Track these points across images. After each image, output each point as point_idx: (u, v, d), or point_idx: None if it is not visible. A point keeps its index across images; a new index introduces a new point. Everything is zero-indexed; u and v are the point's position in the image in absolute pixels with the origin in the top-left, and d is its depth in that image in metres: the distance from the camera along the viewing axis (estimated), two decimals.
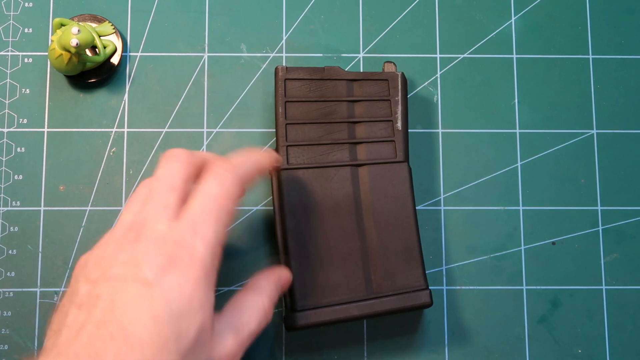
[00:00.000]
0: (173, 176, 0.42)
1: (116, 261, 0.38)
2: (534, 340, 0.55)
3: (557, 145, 0.57)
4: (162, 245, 0.39)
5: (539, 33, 0.59)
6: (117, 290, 0.37)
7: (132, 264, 0.38)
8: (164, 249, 0.39)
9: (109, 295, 0.37)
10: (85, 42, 0.52)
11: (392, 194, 0.52)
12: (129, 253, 0.39)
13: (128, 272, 0.38)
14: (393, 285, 0.51)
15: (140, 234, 0.39)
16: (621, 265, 0.56)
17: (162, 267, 0.38)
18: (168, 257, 0.38)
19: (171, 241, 0.39)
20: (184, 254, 0.39)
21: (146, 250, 0.39)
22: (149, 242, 0.39)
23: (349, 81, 0.53)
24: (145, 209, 0.41)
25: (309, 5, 0.59)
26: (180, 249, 0.39)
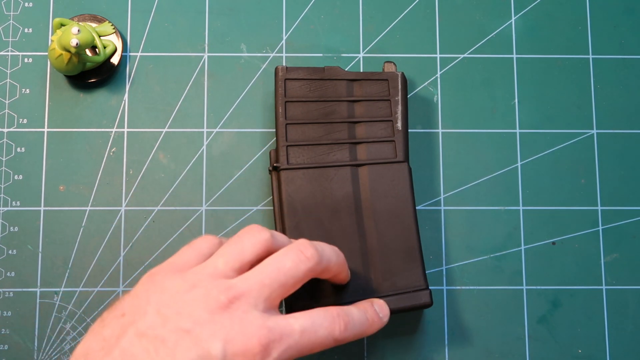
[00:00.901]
0: (292, 269, 0.42)
1: (195, 317, 0.39)
2: (534, 340, 0.55)
3: (557, 145, 0.57)
4: (244, 333, 0.39)
5: (539, 33, 0.59)
6: (181, 348, 0.38)
7: (209, 333, 0.39)
8: (242, 338, 0.39)
9: (172, 345, 0.38)
10: (85, 42, 0.52)
11: (392, 194, 0.52)
12: (211, 319, 0.39)
13: (201, 340, 0.39)
14: (393, 285, 0.51)
15: (232, 309, 0.40)
16: (621, 265, 0.56)
17: (231, 353, 0.39)
18: (241, 349, 0.39)
19: (256, 339, 0.40)
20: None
21: (228, 330, 0.39)
22: (234, 323, 0.40)
23: (349, 81, 0.53)
24: (250, 281, 0.41)
25: (309, 5, 0.59)
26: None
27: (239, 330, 0.39)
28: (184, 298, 0.40)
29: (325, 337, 0.42)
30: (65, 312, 0.54)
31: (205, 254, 0.44)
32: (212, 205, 0.56)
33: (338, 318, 0.43)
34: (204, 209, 0.56)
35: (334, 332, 0.42)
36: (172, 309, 0.40)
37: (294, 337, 0.40)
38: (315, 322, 0.42)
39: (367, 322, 0.45)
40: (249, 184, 0.56)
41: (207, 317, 0.39)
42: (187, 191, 0.56)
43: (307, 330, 0.41)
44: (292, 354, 0.40)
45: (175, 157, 0.56)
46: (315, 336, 0.41)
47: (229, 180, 0.56)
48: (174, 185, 0.56)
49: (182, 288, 0.41)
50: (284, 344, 0.40)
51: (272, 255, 0.43)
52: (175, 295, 0.41)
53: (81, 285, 0.55)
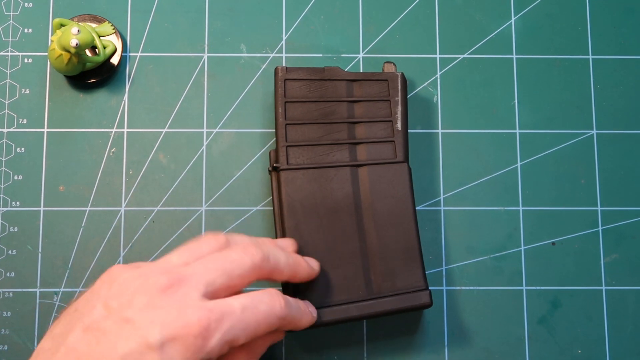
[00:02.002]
0: (237, 260, 0.43)
1: (135, 304, 0.40)
2: (533, 341, 0.55)
3: (557, 145, 0.57)
4: (182, 316, 0.39)
5: (539, 33, 0.59)
6: (121, 338, 0.38)
7: (147, 319, 0.39)
8: (181, 322, 0.39)
9: (114, 336, 0.38)
10: (85, 42, 0.52)
11: (392, 195, 0.52)
12: (150, 303, 0.40)
13: (139, 327, 0.39)
14: (393, 285, 0.51)
15: (171, 291, 0.40)
16: (621, 266, 0.56)
17: (170, 338, 0.38)
18: (180, 332, 0.39)
19: (195, 319, 0.39)
20: (198, 339, 0.39)
21: (166, 314, 0.39)
22: (172, 306, 0.40)
23: (348, 81, 0.53)
24: (194, 266, 0.42)
25: (309, 5, 0.59)
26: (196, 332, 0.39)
27: (177, 313, 0.39)
28: (129, 288, 0.41)
29: (267, 313, 0.42)
30: None
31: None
32: (212, 205, 0.56)
33: (277, 295, 0.43)
34: (203, 209, 0.56)
35: (274, 308, 0.42)
36: (117, 301, 0.40)
37: (236, 315, 0.40)
38: (254, 298, 0.42)
39: (300, 310, 0.46)
40: (249, 184, 0.56)
41: (146, 302, 0.40)
42: (187, 191, 0.56)
43: (248, 306, 0.41)
44: (236, 333, 0.40)
45: (175, 157, 0.56)
46: (257, 311, 0.41)
47: (228, 181, 0.56)
48: (173, 185, 0.56)
49: (130, 278, 0.41)
50: (227, 323, 0.40)
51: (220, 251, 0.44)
52: (122, 286, 0.41)
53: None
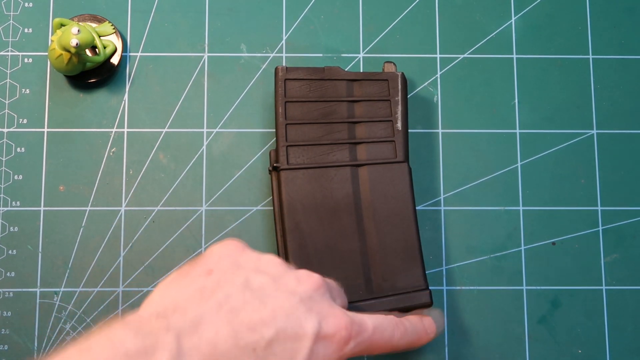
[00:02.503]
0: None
1: (286, 286, 0.41)
2: (534, 341, 0.55)
3: (557, 145, 0.57)
4: (335, 316, 0.41)
5: (539, 33, 0.59)
6: (284, 310, 0.39)
7: (306, 307, 0.40)
8: (334, 321, 0.41)
9: (274, 302, 0.40)
10: (85, 42, 0.52)
11: (392, 194, 0.52)
12: (307, 292, 0.41)
13: (295, 311, 0.40)
14: (393, 285, 0.51)
15: (321, 292, 0.42)
16: (621, 266, 0.56)
17: (323, 333, 0.40)
18: (332, 331, 0.40)
19: (344, 324, 0.41)
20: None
21: (320, 308, 0.41)
22: (325, 304, 0.42)
23: (349, 81, 0.53)
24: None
25: (309, 5, 0.59)
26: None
27: (330, 311, 0.41)
28: (278, 269, 0.42)
29: (388, 339, 0.44)
30: (65, 312, 0.54)
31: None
32: (212, 205, 0.56)
33: (398, 324, 0.45)
34: (203, 209, 0.56)
35: (394, 336, 0.44)
36: (266, 276, 0.41)
37: (369, 333, 0.42)
38: (382, 323, 0.44)
39: (416, 334, 0.47)
40: (249, 184, 0.56)
41: (305, 292, 0.41)
42: (187, 191, 0.56)
43: (378, 328, 0.43)
44: (362, 349, 0.42)
45: (175, 157, 0.56)
46: (382, 336, 0.43)
47: (229, 180, 0.56)
48: (174, 185, 0.56)
49: (275, 261, 0.43)
50: (361, 337, 0.42)
51: None
52: (269, 264, 0.42)
53: (81, 286, 0.55)
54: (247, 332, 0.38)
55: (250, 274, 0.41)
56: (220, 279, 0.40)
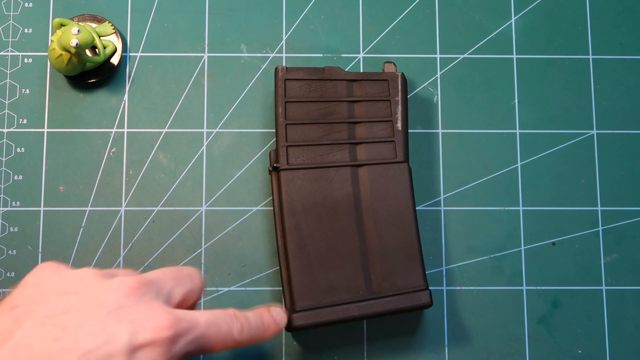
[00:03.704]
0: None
1: (104, 303, 0.39)
2: (533, 341, 0.55)
3: (557, 145, 0.57)
4: (153, 318, 0.40)
5: (539, 33, 0.59)
6: (85, 334, 0.37)
7: (115, 318, 0.39)
8: (152, 324, 0.39)
9: (76, 331, 0.38)
10: (85, 42, 0.52)
11: (392, 195, 0.52)
12: (118, 302, 0.39)
13: (107, 325, 0.38)
14: (393, 285, 0.51)
15: (139, 293, 0.41)
16: (621, 266, 0.56)
17: (139, 341, 0.38)
18: (150, 336, 0.39)
19: (165, 324, 0.40)
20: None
21: (136, 315, 0.39)
22: (142, 308, 0.40)
23: (349, 81, 0.53)
24: (154, 273, 0.44)
25: (309, 5, 0.59)
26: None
27: (147, 315, 0.39)
28: (87, 284, 0.40)
29: (226, 334, 0.43)
30: None
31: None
32: (212, 205, 0.56)
33: (236, 318, 0.44)
34: (203, 209, 0.56)
35: (233, 331, 0.43)
36: (74, 296, 0.39)
37: (200, 329, 0.41)
38: (217, 317, 0.43)
39: (262, 326, 0.46)
40: (249, 184, 0.56)
41: (115, 301, 0.39)
42: (187, 191, 0.56)
43: (212, 323, 0.42)
44: (196, 346, 0.41)
45: (175, 157, 0.56)
46: (218, 331, 0.42)
47: (229, 181, 0.56)
48: (174, 185, 0.56)
49: (85, 276, 0.41)
50: (191, 335, 0.40)
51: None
52: (77, 282, 0.40)
53: None
54: None
55: (54, 300, 0.39)
56: (20, 314, 0.38)
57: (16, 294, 0.40)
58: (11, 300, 0.39)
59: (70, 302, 0.39)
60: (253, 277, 0.55)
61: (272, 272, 0.55)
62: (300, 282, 0.50)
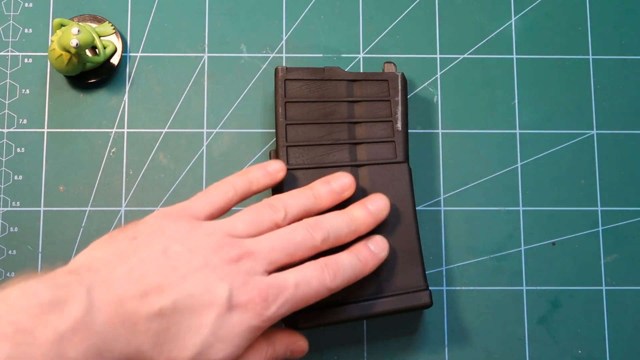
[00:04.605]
0: (300, 243, 0.46)
1: (208, 261, 0.42)
2: (533, 341, 0.55)
3: (557, 145, 0.57)
4: (246, 287, 0.42)
5: (539, 33, 0.59)
6: (192, 281, 0.41)
7: (217, 276, 0.42)
8: (244, 291, 0.42)
9: (183, 274, 0.41)
10: (85, 42, 0.52)
11: (392, 195, 0.52)
12: (219, 267, 0.42)
13: (210, 280, 0.41)
14: (393, 285, 0.51)
15: (240, 263, 0.43)
16: (621, 266, 0.56)
17: (234, 303, 0.41)
18: (242, 301, 0.42)
19: (256, 293, 0.43)
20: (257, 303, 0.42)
21: (233, 280, 0.42)
22: (239, 276, 0.43)
23: (349, 81, 0.53)
24: (261, 243, 0.44)
25: (309, 5, 0.59)
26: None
27: (243, 282, 0.42)
28: (198, 241, 0.43)
29: (318, 288, 0.44)
30: None
31: (219, 206, 0.46)
32: None
33: (327, 268, 0.45)
34: None
35: (325, 282, 0.45)
36: (185, 246, 0.42)
37: (290, 291, 0.43)
38: (306, 275, 0.44)
39: (359, 263, 0.47)
40: None
41: (217, 263, 0.42)
42: (187, 191, 0.56)
43: (301, 283, 0.44)
44: (289, 307, 0.43)
45: (175, 157, 0.56)
46: (309, 288, 0.44)
47: None
48: (174, 185, 0.56)
49: (197, 232, 0.43)
50: (282, 298, 0.43)
51: (283, 227, 0.46)
52: (189, 235, 0.43)
53: None
54: (154, 294, 0.40)
55: (170, 243, 0.42)
56: (139, 244, 0.42)
57: (138, 227, 0.44)
58: (132, 231, 0.43)
59: (182, 250, 0.42)
60: None
61: None
62: None
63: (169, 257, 0.41)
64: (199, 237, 0.43)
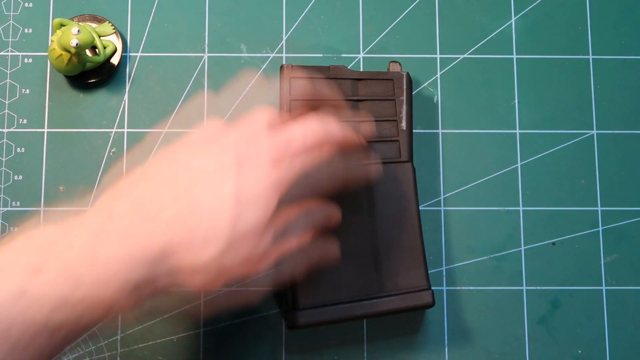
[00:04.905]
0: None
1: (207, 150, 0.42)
2: (533, 341, 0.55)
3: (557, 145, 0.57)
4: (253, 147, 0.42)
5: (539, 33, 0.59)
6: (195, 177, 0.41)
7: (219, 152, 0.42)
8: (251, 150, 0.42)
9: (188, 180, 0.41)
10: (85, 42, 0.52)
11: (396, 194, 0.52)
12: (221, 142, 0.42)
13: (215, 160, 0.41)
14: (395, 285, 0.51)
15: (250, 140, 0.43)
16: (621, 266, 0.56)
17: (242, 162, 0.41)
18: (253, 157, 0.41)
19: (266, 147, 0.42)
20: (268, 161, 0.41)
21: (235, 143, 0.42)
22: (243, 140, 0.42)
23: (354, 80, 0.53)
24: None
25: (309, 5, 0.59)
26: (267, 156, 0.41)
27: (247, 143, 0.42)
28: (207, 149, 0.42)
29: (325, 129, 0.44)
30: None
31: (214, 139, 0.45)
32: None
33: (328, 118, 0.45)
34: None
35: (329, 125, 0.44)
36: (189, 163, 0.42)
37: (299, 140, 0.42)
38: (307, 123, 0.44)
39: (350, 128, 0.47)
40: None
41: (223, 140, 0.42)
42: None
43: (306, 129, 0.43)
44: (302, 159, 0.42)
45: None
46: (314, 136, 0.43)
47: None
48: None
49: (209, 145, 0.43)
50: (292, 146, 0.42)
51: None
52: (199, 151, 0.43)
53: None
54: (165, 186, 0.40)
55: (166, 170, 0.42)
56: (136, 177, 0.42)
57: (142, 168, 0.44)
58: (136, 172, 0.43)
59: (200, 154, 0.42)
60: (253, 277, 0.55)
61: (272, 272, 0.55)
62: (304, 280, 0.50)
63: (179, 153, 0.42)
64: (204, 145, 0.43)
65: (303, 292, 0.50)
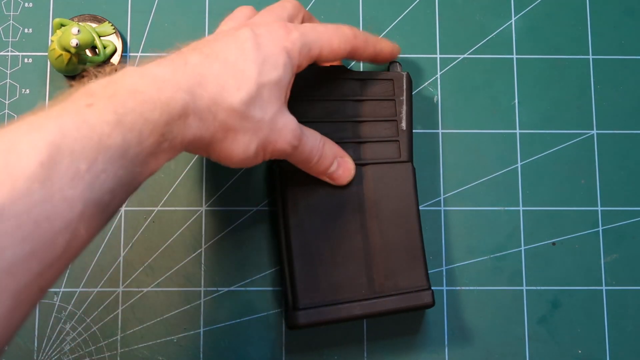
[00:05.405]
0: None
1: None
2: (534, 341, 0.55)
3: (557, 145, 0.57)
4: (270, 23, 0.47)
5: (539, 33, 0.59)
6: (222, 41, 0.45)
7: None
8: (269, 27, 0.46)
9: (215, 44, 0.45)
10: (85, 42, 0.52)
11: (396, 194, 0.52)
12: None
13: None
14: (395, 285, 0.51)
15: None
16: (621, 266, 0.56)
17: (262, 32, 0.45)
18: (272, 30, 0.45)
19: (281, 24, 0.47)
20: (286, 36, 0.46)
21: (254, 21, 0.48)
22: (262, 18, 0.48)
23: (353, 80, 0.53)
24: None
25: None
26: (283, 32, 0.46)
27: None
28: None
29: (336, 28, 0.49)
30: (65, 313, 0.54)
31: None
32: (212, 205, 0.56)
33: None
34: (203, 209, 0.56)
35: (341, 27, 0.49)
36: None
37: (307, 27, 0.47)
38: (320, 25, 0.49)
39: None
40: (249, 184, 0.56)
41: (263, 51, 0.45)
42: (187, 191, 0.56)
43: (317, 25, 0.49)
44: (311, 32, 0.47)
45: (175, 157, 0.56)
46: (327, 27, 0.49)
47: (229, 181, 0.56)
48: (174, 185, 0.56)
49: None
50: (300, 15, 0.50)
51: None
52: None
53: (81, 286, 0.55)
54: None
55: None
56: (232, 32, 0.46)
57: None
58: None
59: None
60: (253, 277, 0.55)
61: (272, 272, 0.55)
62: (303, 280, 0.50)
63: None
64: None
65: (303, 292, 0.50)
